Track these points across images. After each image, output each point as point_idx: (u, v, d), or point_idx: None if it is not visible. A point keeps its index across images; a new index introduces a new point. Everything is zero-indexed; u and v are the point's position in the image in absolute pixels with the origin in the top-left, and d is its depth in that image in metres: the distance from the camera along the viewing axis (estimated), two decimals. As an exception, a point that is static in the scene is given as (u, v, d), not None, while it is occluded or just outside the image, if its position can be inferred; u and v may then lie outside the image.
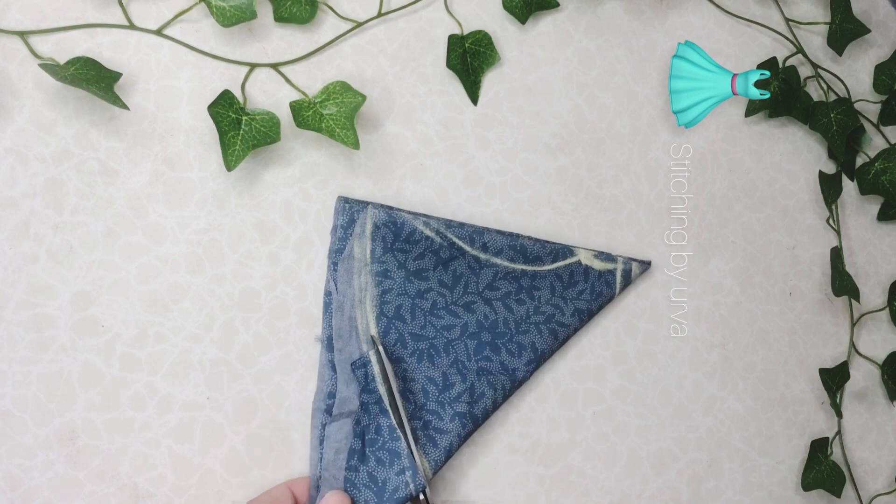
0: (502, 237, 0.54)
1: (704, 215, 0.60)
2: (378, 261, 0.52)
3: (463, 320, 0.53)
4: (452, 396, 0.51)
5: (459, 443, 0.51)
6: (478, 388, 0.52)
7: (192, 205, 0.51)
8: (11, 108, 0.48)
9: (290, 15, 0.51)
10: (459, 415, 0.51)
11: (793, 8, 0.62)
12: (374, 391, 0.49)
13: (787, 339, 0.61)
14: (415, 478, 0.48)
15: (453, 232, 0.52)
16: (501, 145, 0.56)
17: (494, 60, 0.55)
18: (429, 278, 0.52)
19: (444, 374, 0.52)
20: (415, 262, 0.52)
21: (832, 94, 0.63)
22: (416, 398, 0.51)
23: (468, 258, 0.53)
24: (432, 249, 0.52)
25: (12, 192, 0.48)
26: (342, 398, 0.50)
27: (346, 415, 0.50)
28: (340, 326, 0.51)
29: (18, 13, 0.48)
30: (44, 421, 0.48)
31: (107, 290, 0.49)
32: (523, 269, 0.54)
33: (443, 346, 0.52)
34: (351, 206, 0.52)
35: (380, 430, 0.49)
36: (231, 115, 0.49)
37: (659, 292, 0.59)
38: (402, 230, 0.51)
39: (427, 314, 0.52)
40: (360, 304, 0.51)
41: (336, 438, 0.49)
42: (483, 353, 0.53)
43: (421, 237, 0.52)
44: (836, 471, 0.61)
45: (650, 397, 0.58)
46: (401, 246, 0.52)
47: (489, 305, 0.53)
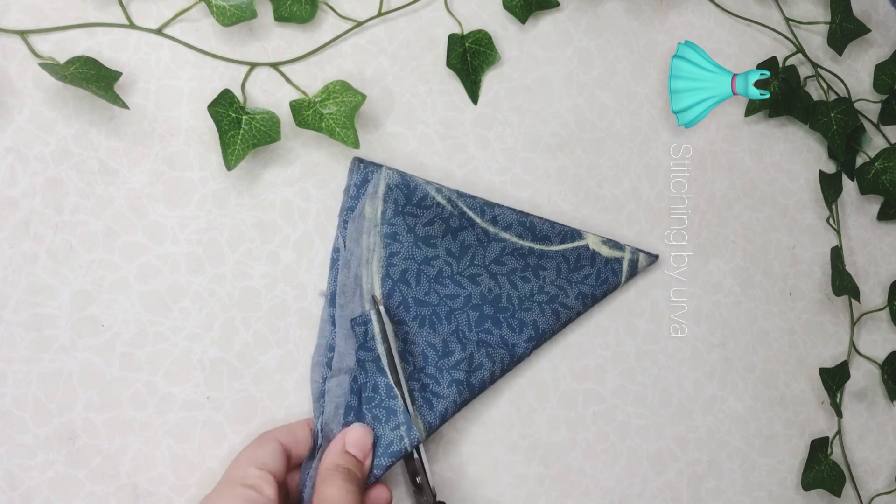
0: (513, 213, 0.54)
1: (704, 215, 0.60)
2: (388, 223, 0.52)
3: (467, 291, 0.53)
4: (451, 363, 0.52)
5: (455, 409, 0.52)
6: (476, 358, 0.52)
7: (193, 204, 0.51)
8: (11, 108, 0.48)
9: (290, 14, 0.51)
10: (457, 382, 0.52)
11: (793, 8, 0.62)
12: (372, 349, 0.50)
13: (787, 338, 0.61)
14: (409, 432, 0.49)
15: (465, 202, 0.53)
16: (501, 145, 0.56)
17: (494, 60, 0.55)
18: (437, 245, 0.53)
19: (444, 340, 0.52)
20: (424, 227, 0.52)
21: (832, 93, 0.63)
22: (415, 360, 0.51)
23: (477, 230, 0.53)
24: (442, 217, 0.52)
25: (12, 191, 0.48)
26: (340, 353, 0.50)
27: (346, 371, 0.50)
28: (345, 283, 0.51)
29: (18, 12, 0.48)
30: (44, 420, 0.48)
31: (107, 289, 0.49)
32: (531, 246, 0.54)
33: (445, 315, 0.53)
34: (365, 167, 0.52)
35: (377, 389, 0.50)
36: (231, 114, 0.49)
37: (659, 292, 0.59)
38: (415, 194, 0.52)
39: (432, 281, 0.53)
40: (366, 264, 0.51)
41: (336, 394, 0.50)
42: (484, 325, 0.53)
43: (432, 203, 0.52)
44: (836, 470, 0.61)
45: (650, 397, 0.58)
46: (412, 210, 0.52)
47: (494, 279, 0.54)
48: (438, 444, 0.54)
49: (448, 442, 0.54)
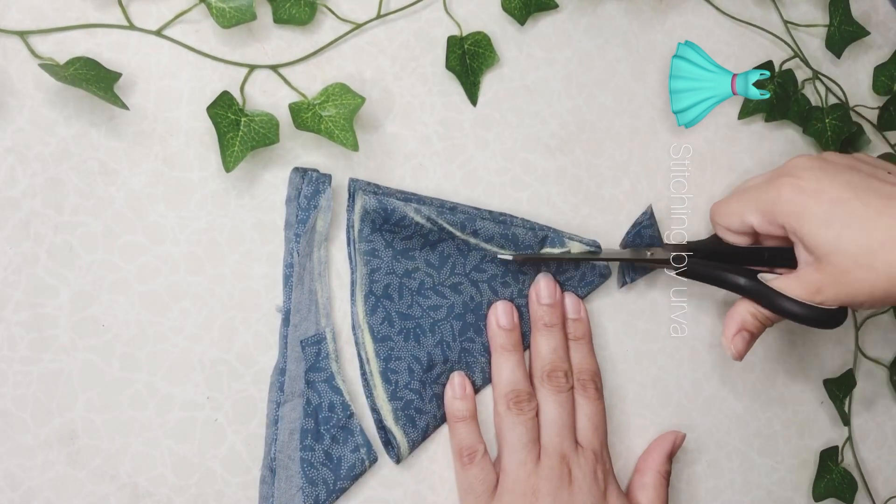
0: (495, 225, 0.54)
1: (704, 215, 0.60)
2: (366, 240, 0.52)
3: (450, 301, 0.53)
4: (433, 377, 0.52)
5: (435, 425, 0.52)
6: (456, 369, 0.53)
7: (192, 205, 0.51)
8: (11, 108, 0.48)
9: (289, 16, 0.51)
10: (437, 396, 0.52)
11: (791, 9, 0.62)
12: (324, 369, 0.50)
13: (786, 338, 0.61)
14: (369, 454, 0.50)
15: (445, 219, 0.53)
16: (501, 145, 0.56)
17: (493, 61, 0.55)
18: (415, 258, 0.53)
19: (428, 353, 0.52)
20: (402, 241, 0.53)
21: (831, 96, 0.62)
22: (398, 377, 0.52)
23: (457, 241, 0.53)
24: (421, 233, 0.52)
25: (12, 191, 0.48)
26: (291, 377, 0.50)
27: (299, 394, 0.50)
28: (300, 300, 0.51)
29: (18, 13, 0.48)
30: (44, 421, 0.48)
31: (107, 289, 0.49)
32: (512, 255, 0.54)
33: (429, 327, 0.53)
34: (317, 178, 0.51)
35: (333, 408, 0.50)
36: (230, 116, 0.49)
37: (658, 292, 0.59)
38: (392, 216, 0.51)
39: (414, 294, 0.53)
40: (319, 278, 0.51)
41: (290, 419, 0.50)
42: (467, 334, 0.54)
43: (410, 222, 0.52)
44: (848, 478, 0.61)
45: (649, 397, 0.58)
46: (389, 227, 0.52)
47: (475, 287, 0.54)
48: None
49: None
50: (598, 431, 0.53)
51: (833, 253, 0.45)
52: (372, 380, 0.51)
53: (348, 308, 0.52)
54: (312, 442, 0.49)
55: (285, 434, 0.49)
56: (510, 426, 0.51)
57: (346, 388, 0.51)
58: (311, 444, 0.49)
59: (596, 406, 0.54)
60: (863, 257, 0.45)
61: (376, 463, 0.51)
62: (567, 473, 0.50)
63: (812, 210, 0.46)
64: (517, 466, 0.50)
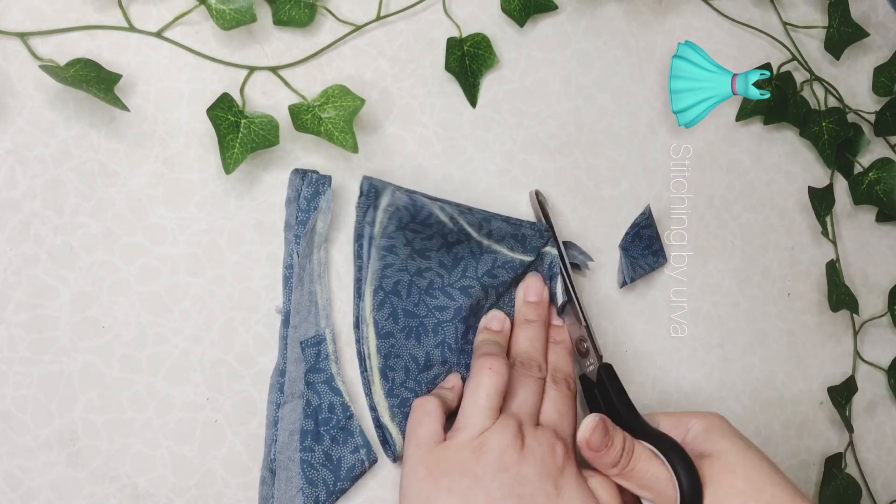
0: (508, 226, 0.54)
1: (703, 216, 0.60)
2: (388, 236, 0.52)
3: (458, 303, 0.53)
4: (430, 377, 0.52)
5: None
6: (454, 371, 0.53)
7: (192, 206, 0.51)
8: (11, 110, 0.48)
9: (289, 18, 0.51)
10: None
11: (791, 11, 0.62)
12: (323, 370, 0.50)
13: (786, 339, 0.62)
14: (369, 455, 0.51)
15: (465, 218, 0.53)
16: (500, 147, 0.56)
17: (493, 63, 0.56)
18: (430, 258, 0.53)
19: (426, 353, 0.52)
20: (422, 241, 0.52)
21: (831, 98, 0.62)
22: (395, 375, 0.52)
23: (472, 243, 0.53)
24: (442, 234, 0.52)
25: (12, 193, 0.48)
26: (291, 378, 0.50)
27: (298, 396, 0.50)
28: (300, 301, 0.51)
29: (19, 14, 0.48)
30: (44, 422, 0.48)
31: (107, 291, 0.49)
32: (521, 259, 0.54)
33: (432, 327, 0.53)
34: (317, 179, 0.51)
35: (333, 409, 0.50)
36: (230, 118, 0.49)
37: (658, 293, 0.59)
38: (420, 213, 0.51)
39: (422, 292, 0.53)
40: (318, 279, 0.51)
41: (290, 420, 0.50)
42: (468, 336, 0.53)
43: (435, 221, 0.52)
44: (853, 484, 0.61)
45: (648, 398, 0.58)
46: (415, 227, 0.52)
47: (485, 292, 0.54)
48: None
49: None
50: (563, 418, 0.51)
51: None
52: (371, 376, 0.51)
53: (349, 308, 0.52)
54: (312, 443, 0.50)
55: (285, 435, 0.50)
56: (477, 383, 0.49)
57: (346, 389, 0.51)
58: (311, 445, 0.50)
59: (565, 397, 0.52)
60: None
61: (376, 464, 0.51)
62: (520, 437, 0.48)
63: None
64: (473, 411, 0.48)
